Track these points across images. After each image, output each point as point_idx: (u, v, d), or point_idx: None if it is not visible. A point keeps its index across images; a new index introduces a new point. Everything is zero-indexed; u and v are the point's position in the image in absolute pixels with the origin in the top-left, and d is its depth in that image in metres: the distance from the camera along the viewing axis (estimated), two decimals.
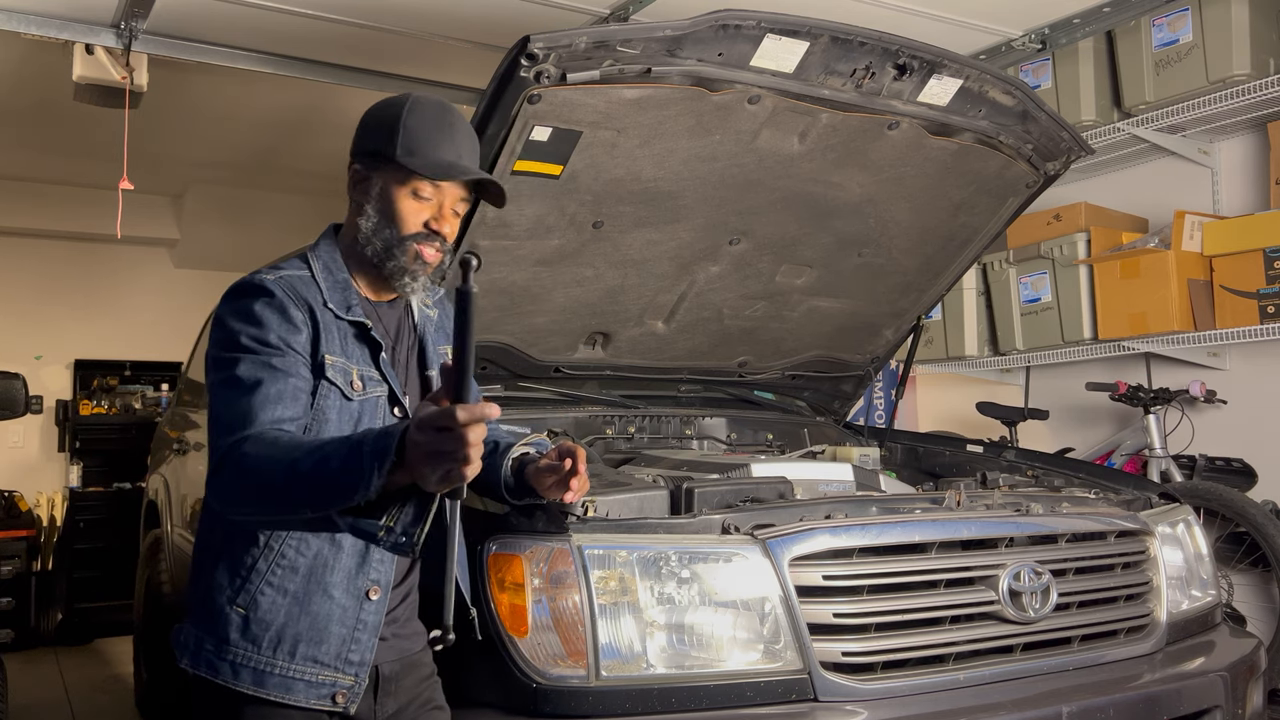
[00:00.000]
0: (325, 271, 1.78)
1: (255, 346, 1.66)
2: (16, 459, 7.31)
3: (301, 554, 1.68)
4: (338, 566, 1.69)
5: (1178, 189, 4.48)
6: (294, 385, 1.66)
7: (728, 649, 2.03)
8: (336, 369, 1.72)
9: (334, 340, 1.73)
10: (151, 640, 4.39)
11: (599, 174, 2.56)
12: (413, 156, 1.74)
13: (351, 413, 1.73)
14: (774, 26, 2.40)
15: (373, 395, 1.76)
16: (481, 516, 2.09)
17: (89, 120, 5.17)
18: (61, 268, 7.51)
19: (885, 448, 3.45)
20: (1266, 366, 4.17)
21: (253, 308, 1.69)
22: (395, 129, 1.75)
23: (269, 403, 1.61)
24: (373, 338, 1.77)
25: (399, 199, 1.76)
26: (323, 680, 1.68)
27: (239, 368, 1.64)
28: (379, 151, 1.76)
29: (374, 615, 1.73)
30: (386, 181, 1.77)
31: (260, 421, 1.59)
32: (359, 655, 1.71)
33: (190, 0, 3.75)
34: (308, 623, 1.67)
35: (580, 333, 3.03)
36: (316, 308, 1.73)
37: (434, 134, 1.76)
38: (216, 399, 1.66)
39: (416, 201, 1.76)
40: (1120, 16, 4.05)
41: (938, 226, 3.13)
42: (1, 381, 3.63)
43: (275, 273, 1.75)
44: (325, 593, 1.68)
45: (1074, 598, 2.35)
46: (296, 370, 1.67)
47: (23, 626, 6.03)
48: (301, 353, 1.69)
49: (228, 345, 1.68)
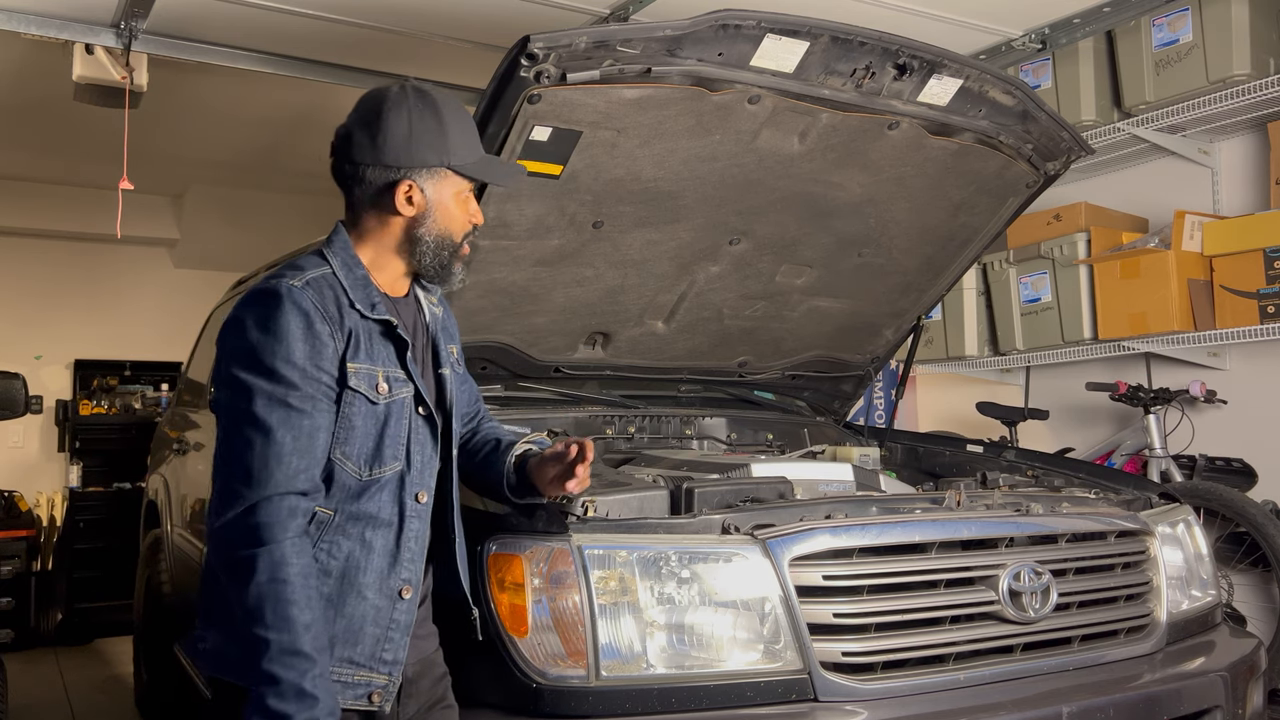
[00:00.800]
0: (345, 269, 1.76)
1: (276, 375, 1.62)
2: (16, 459, 7.31)
3: (334, 557, 1.68)
4: (369, 568, 1.70)
5: (1178, 189, 4.48)
6: (309, 427, 1.63)
7: (728, 649, 2.04)
8: (361, 376, 1.70)
9: (360, 344, 1.71)
10: (151, 640, 4.39)
11: (599, 174, 2.56)
12: (469, 164, 1.78)
13: (378, 416, 1.72)
14: (774, 26, 2.40)
15: (399, 397, 1.75)
16: (482, 516, 2.09)
17: (89, 120, 5.17)
18: (61, 268, 7.51)
19: (885, 448, 3.45)
20: (1266, 366, 4.17)
21: (275, 322, 1.64)
22: (445, 138, 1.76)
23: (285, 455, 1.60)
24: (399, 335, 1.76)
25: (454, 205, 1.79)
26: (359, 680, 1.69)
27: (256, 404, 1.61)
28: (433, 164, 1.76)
29: (406, 614, 1.74)
30: (438, 189, 1.77)
31: (275, 482, 1.59)
32: (393, 654, 1.72)
33: (190, 0, 3.75)
34: (343, 625, 1.68)
35: (580, 333, 3.03)
36: (344, 310, 1.70)
37: (470, 133, 1.81)
38: (231, 432, 1.64)
39: (462, 201, 1.81)
40: (1120, 16, 4.05)
41: (938, 226, 3.13)
42: (1, 381, 3.63)
43: (299, 275, 1.70)
44: (359, 594, 1.69)
45: (1074, 598, 2.35)
46: (314, 405, 1.64)
47: (23, 626, 6.03)
48: (325, 372, 1.66)
49: (246, 364, 1.64)
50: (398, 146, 1.74)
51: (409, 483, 1.75)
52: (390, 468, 1.73)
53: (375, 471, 1.72)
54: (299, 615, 1.56)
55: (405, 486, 1.75)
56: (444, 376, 1.88)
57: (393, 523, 1.73)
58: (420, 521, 1.77)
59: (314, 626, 1.57)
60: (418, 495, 1.76)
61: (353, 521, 1.70)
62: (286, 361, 1.63)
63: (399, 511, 1.74)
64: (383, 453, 1.72)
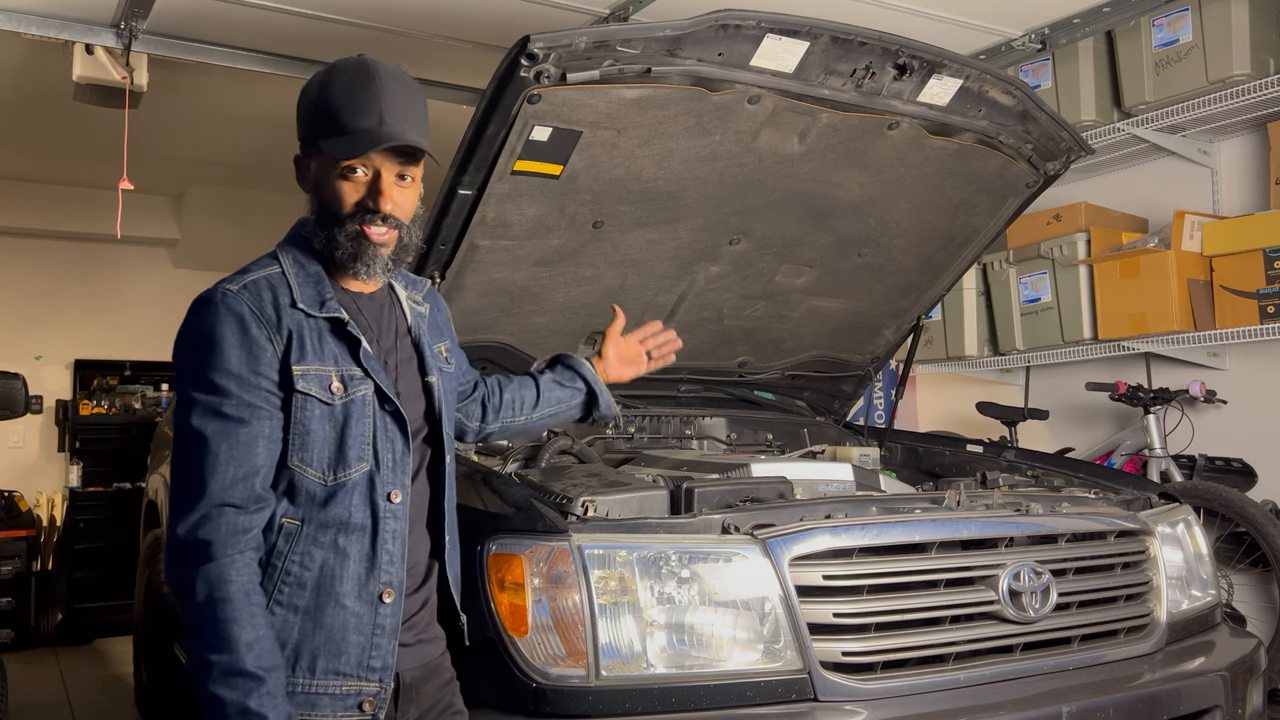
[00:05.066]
0: (296, 266, 1.71)
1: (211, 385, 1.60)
2: (16, 459, 7.30)
3: (307, 568, 1.64)
4: (346, 575, 1.65)
5: (1178, 189, 4.49)
6: (246, 435, 1.60)
7: (728, 649, 2.04)
8: (309, 378, 1.64)
9: (307, 344, 1.66)
10: (151, 640, 4.39)
11: (599, 174, 2.56)
12: (329, 137, 1.67)
13: (335, 417, 1.66)
14: (774, 26, 2.40)
15: (357, 395, 1.68)
16: (482, 516, 2.09)
17: (89, 120, 5.16)
18: (61, 268, 7.50)
19: (885, 448, 3.45)
20: (1266, 366, 4.17)
21: (209, 330, 1.62)
22: (314, 110, 1.70)
23: (220, 465, 1.58)
24: (349, 333, 1.69)
25: (332, 183, 1.69)
26: (347, 691, 1.65)
27: (193, 416, 1.60)
28: (308, 137, 1.72)
29: (390, 619, 1.69)
30: (319, 167, 1.71)
31: (210, 494, 1.57)
32: (380, 660, 1.67)
33: (190, 0, 3.75)
34: (323, 636, 1.64)
35: (580, 333, 3.03)
36: (284, 312, 1.65)
37: (351, 102, 1.66)
38: (175, 446, 1.64)
39: (348, 181, 1.69)
40: (1120, 16, 4.06)
41: (938, 226, 3.13)
42: (1, 381, 3.63)
43: (240, 279, 1.67)
44: (337, 603, 1.64)
45: (1074, 598, 2.35)
46: (252, 413, 1.61)
47: (23, 626, 6.02)
48: (265, 377, 1.62)
49: (184, 377, 1.64)
50: (297, 123, 1.75)
51: (379, 482, 1.69)
52: (357, 468, 1.67)
53: (341, 475, 1.66)
54: (240, 634, 1.53)
55: (376, 487, 1.68)
56: (431, 385, 1.82)
57: (366, 526, 1.67)
58: (397, 521, 1.70)
59: (258, 645, 1.54)
60: (390, 495, 1.69)
61: (323, 530, 1.65)
62: (221, 370, 1.60)
63: (371, 514, 1.68)
64: (346, 454, 1.66)
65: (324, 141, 1.68)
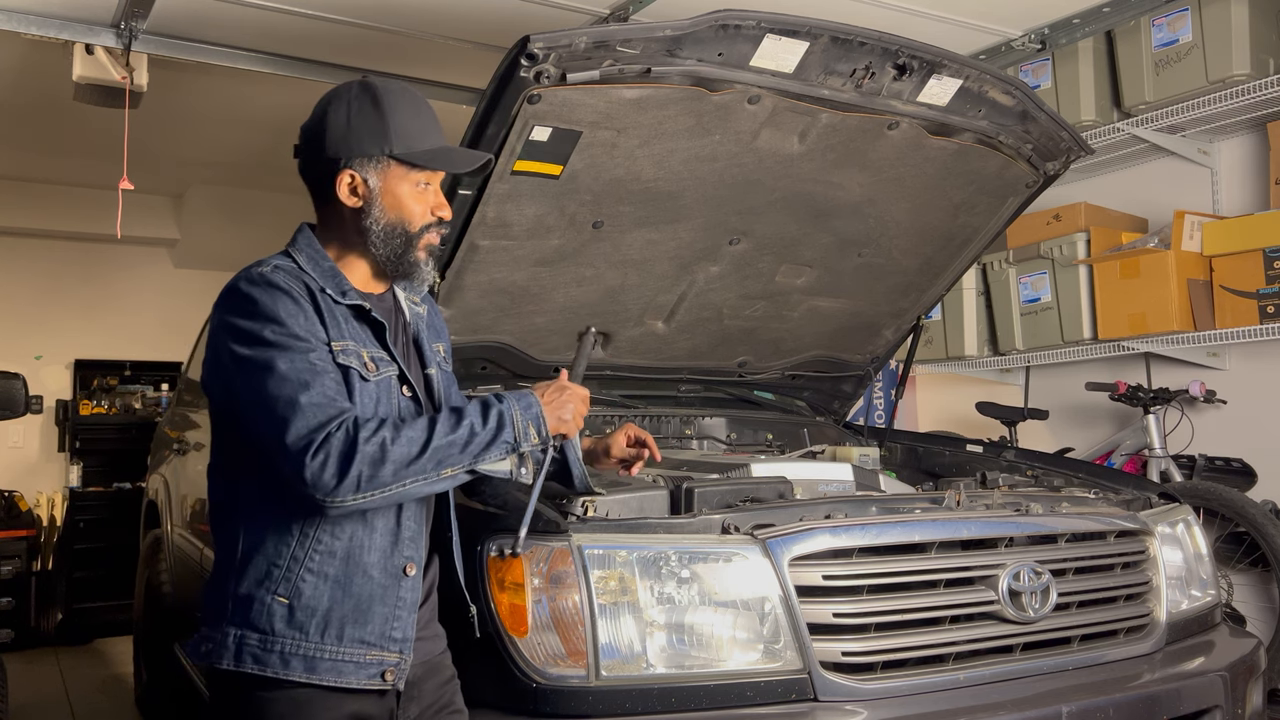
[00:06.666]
0: (311, 263, 1.76)
1: (289, 342, 1.63)
2: (16, 459, 7.30)
3: (337, 538, 1.68)
4: (373, 546, 1.71)
5: (1177, 189, 4.48)
6: (335, 380, 1.65)
7: (728, 649, 2.04)
8: (349, 353, 1.70)
9: (338, 325, 1.72)
10: (151, 640, 4.39)
11: (599, 174, 2.56)
12: (414, 152, 1.75)
13: (370, 394, 1.72)
14: (774, 26, 2.40)
15: (385, 375, 1.75)
16: (482, 516, 2.09)
17: (89, 120, 5.16)
18: (61, 268, 7.50)
19: (885, 448, 3.45)
20: (1266, 366, 4.17)
21: (265, 302, 1.66)
22: (385, 127, 1.74)
23: (310, 385, 1.61)
24: (374, 318, 1.77)
25: (405, 196, 1.77)
26: (370, 660, 1.69)
27: (280, 364, 1.61)
28: (373, 153, 1.75)
29: (411, 592, 1.75)
30: (387, 180, 1.76)
31: (318, 408, 1.59)
32: (401, 632, 1.73)
33: (190, 0, 3.75)
34: (351, 604, 1.68)
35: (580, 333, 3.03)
36: (316, 294, 1.72)
37: (418, 121, 1.77)
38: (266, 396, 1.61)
39: (420, 192, 1.78)
40: (1120, 16, 4.06)
41: (938, 226, 3.13)
42: (1, 381, 3.62)
43: (267, 264, 1.73)
44: (365, 573, 1.70)
45: (1074, 598, 2.35)
46: (331, 363, 1.66)
47: (23, 626, 6.03)
48: (319, 340, 1.67)
49: (253, 341, 1.64)
50: (337, 139, 1.75)
51: None
52: None
53: None
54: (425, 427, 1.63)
55: None
56: (431, 377, 1.89)
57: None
58: (415, 503, 1.77)
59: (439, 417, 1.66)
60: None
61: None
62: (293, 332, 1.64)
63: None
64: None
65: (415, 155, 1.75)
